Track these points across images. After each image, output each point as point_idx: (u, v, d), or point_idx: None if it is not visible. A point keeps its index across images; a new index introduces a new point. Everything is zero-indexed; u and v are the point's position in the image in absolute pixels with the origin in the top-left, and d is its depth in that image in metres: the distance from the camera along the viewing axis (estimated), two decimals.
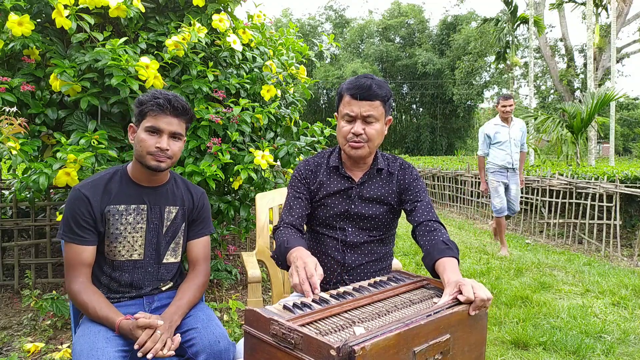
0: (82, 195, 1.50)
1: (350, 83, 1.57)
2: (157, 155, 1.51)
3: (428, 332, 1.03)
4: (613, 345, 2.62)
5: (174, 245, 1.66)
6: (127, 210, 1.56)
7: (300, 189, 1.68)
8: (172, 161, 1.56)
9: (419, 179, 1.68)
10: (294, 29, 3.69)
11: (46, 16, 2.65)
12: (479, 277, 4.05)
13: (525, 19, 17.53)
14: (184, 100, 1.56)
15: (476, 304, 1.15)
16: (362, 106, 1.53)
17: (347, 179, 1.65)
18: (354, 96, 1.53)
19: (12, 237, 3.36)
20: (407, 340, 0.98)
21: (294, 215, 1.63)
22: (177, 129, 1.53)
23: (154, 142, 1.50)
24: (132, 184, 1.59)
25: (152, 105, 1.49)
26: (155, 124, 1.50)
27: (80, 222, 1.49)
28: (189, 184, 1.73)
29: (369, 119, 1.54)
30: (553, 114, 9.93)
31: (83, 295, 1.46)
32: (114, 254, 1.56)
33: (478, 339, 1.20)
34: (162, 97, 1.50)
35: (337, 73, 30.96)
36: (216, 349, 1.44)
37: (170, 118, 1.51)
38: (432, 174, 9.45)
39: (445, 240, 1.47)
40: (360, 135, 1.55)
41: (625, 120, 35.88)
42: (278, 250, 1.50)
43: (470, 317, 1.15)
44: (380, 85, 1.54)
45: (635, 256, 4.85)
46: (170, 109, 1.50)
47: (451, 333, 1.09)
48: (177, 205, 1.65)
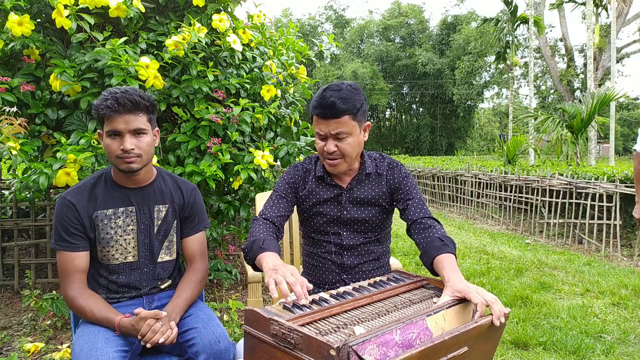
0: (67, 202, 1.49)
1: (315, 101, 1.50)
2: (125, 158, 1.46)
3: (449, 346, 1.02)
4: (613, 345, 2.62)
5: (167, 244, 1.65)
6: (116, 214, 1.54)
7: (287, 191, 1.65)
8: (143, 159, 1.50)
9: (408, 176, 1.66)
10: (294, 29, 3.69)
11: (46, 16, 2.65)
12: (479, 277, 4.05)
13: (525, 19, 17.53)
14: (137, 93, 1.48)
15: (496, 315, 1.13)
16: (329, 125, 1.48)
17: (335, 186, 1.64)
18: (319, 115, 1.49)
19: (12, 237, 3.36)
20: (429, 356, 0.97)
21: (276, 213, 1.59)
22: (137, 125, 1.46)
23: (118, 145, 1.45)
24: (117, 187, 1.56)
25: (104, 109, 1.43)
26: (113, 126, 1.44)
27: (69, 229, 1.48)
28: (178, 180, 1.70)
29: (340, 136, 1.50)
30: (553, 114, 9.92)
31: (80, 300, 1.46)
32: (107, 258, 1.56)
33: (491, 348, 1.20)
34: (111, 97, 1.43)
35: (337, 73, 30.96)
36: (216, 348, 1.43)
37: (125, 116, 1.44)
38: (432, 174, 9.44)
39: (440, 236, 1.46)
40: (334, 153, 1.52)
41: (625, 120, 35.89)
42: (250, 246, 1.44)
43: (490, 328, 1.13)
44: (345, 98, 1.46)
45: (635, 256, 4.85)
46: (121, 108, 1.43)
47: (469, 345, 1.08)
48: (166, 203, 1.62)
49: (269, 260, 1.32)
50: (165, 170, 1.71)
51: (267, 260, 1.33)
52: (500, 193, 7.06)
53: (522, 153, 10.86)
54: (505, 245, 5.54)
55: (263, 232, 1.49)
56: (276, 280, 1.20)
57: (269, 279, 1.21)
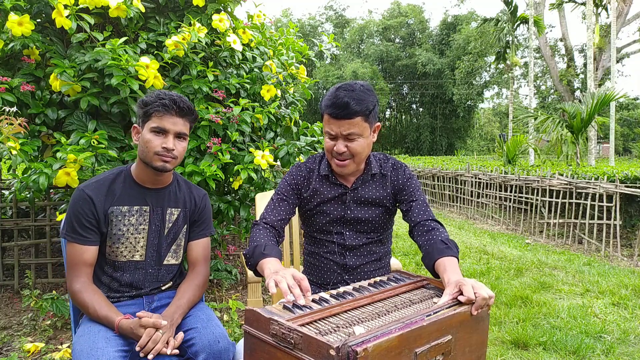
0: (85, 196, 1.50)
1: (328, 100, 1.49)
2: (164, 156, 1.51)
3: (430, 333, 1.03)
4: (613, 345, 2.62)
5: (175, 247, 1.66)
6: (130, 212, 1.56)
7: (289, 193, 1.65)
8: (177, 161, 1.57)
9: (412, 177, 1.65)
10: (294, 29, 3.69)
11: (46, 16, 2.65)
12: (479, 277, 4.05)
13: (525, 19, 17.54)
14: (188, 101, 1.57)
15: (478, 304, 1.15)
16: (341, 125, 1.47)
17: (340, 185, 1.63)
18: (332, 115, 1.47)
19: (12, 237, 3.36)
20: (409, 341, 0.98)
21: (277, 216, 1.59)
22: (182, 129, 1.54)
23: (160, 142, 1.51)
24: (135, 185, 1.59)
25: (158, 106, 1.49)
26: (161, 124, 1.50)
27: (84, 222, 1.50)
28: (191, 185, 1.74)
29: (351, 137, 1.49)
30: (553, 114, 9.93)
31: (84, 294, 1.47)
32: (115, 254, 1.57)
33: (479, 340, 1.20)
34: (168, 98, 1.51)
35: (337, 73, 30.97)
36: (216, 348, 1.43)
37: (175, 118, 1.52)
38: (432, 174, 9.45)
39: (444, 239, 1.45)
40: (343, 153, 1.51)
41: (625, 120, 35.88)
42: (252, 252, 1.44)
43: (472, 318, 1.15)
44: (359, 99, 1.45)
45: (635, 256, 4.85)
46: (175, 109, 1.51)
47: (453, 334, 1.09)
48: (179, 207, 1.65)
49: (270, 266, 1.33)
50: (180, 175, 1.74)
51: (268, 266, 1.34)
52: (500, 193, 7.07)
53: (522, 153, 10.88)
54: (505, 245, 5.54)
55: (264, 238, 1.49)
56: (276, 280, 1.20)
57: (269, 280, 1.22)
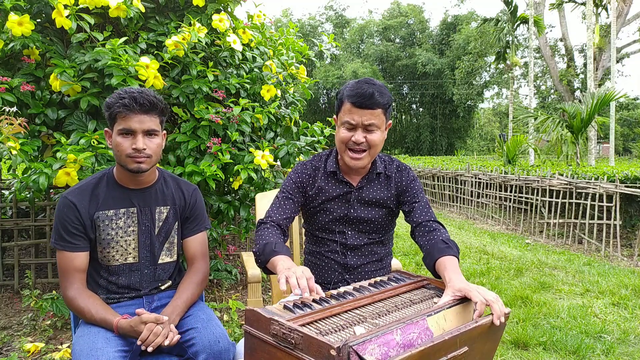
0: (69, 202, 1.49)
1: (351, 90, 1.49)
2: (136, 157, 1.47)
3: (450, 346, 1.02)
4: (613, 345, 2.62)
5: (168, 245, 1.65)
6: (117, 215, 1.54)
7: (294, 191, 1.65)
8: (152, 160, 1.52)
9: (415, 179, 1.67)
10: (294, 29, 3.69)
11: (46, 16, 2.64)
12: (479, 277, 4.05)
13: (525, 19, 17.53)
14: (153, 94, 1.49)
15: (497, 313, 1.14)
16: (363, 115, 1.48)
17: (345, 183, 1.64)
18: (355, 104, 1.48)
19: (12, 237, 3.36)
20: (429, 356, 0.97)
21: (283, 215, 1.59)
22: (150, 126, 1.48)
23: (129, 143, 1.46)
24: (119, 187, 1.56)
25: (119, 107, 1.44)
26: (127, 125, 1.45)
27: (70, 229, 1.48)
28: (180, 181, 1.70)
29: (371, 127, 1.50)
30: (553, 114, 9.92)
31: (79, 300, 1.46)
32: (107, 259, 1.56)
33: (491, 347, 1.20)
34: (128, 96, 1.44)
35: (337, 73, 30.97)
36: (216, 348, 1.43)
37: (140, 116, 1.45)
38: (432, 174, 9.44)
39: (444, 239, 1.47)
40: (361, 144, 1.51)
41: (625, 120, 35.86)
42: (262, 249, 1.45)
43: (490, 328, 1.13)
44: (382, 92, 1.49)
45: (635, 256, 4.85)
46: (137, 107, 1.44)
47: (469, 345, 1.08)
48: (167, 204, 1.63)
49: (283, 263, 1.35)
50: (166, 172, 1.71)
51: (281, 262, 1.36)
52: (500, 193, 7.06)
53: (522, 153, 10.87)
54: (505, 245, 5.54)
55: (273, 236, 1.51)
56: (287, 276, 1.24)
57: (281, 275, 1.25)
